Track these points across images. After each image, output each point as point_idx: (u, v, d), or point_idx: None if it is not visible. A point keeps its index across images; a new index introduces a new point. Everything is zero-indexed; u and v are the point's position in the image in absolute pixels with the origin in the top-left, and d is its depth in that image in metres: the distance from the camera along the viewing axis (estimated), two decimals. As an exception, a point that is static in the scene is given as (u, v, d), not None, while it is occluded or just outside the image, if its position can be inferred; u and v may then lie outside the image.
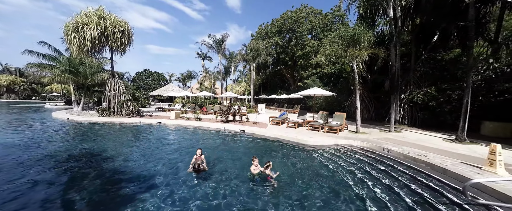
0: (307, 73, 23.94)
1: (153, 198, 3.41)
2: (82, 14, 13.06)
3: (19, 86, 48.52)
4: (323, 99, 18.94)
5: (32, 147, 6.60)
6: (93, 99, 23.32)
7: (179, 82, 51.56)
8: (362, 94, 12.23)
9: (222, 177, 4.29)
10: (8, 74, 49.54)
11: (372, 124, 11.60)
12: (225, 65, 29.99)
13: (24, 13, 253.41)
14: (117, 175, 4.48)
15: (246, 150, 6.65)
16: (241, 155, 5.98)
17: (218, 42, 25.05)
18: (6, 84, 46.49)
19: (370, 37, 9.12)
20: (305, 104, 23.29)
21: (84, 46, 12.76)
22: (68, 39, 12.80)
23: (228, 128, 10.33)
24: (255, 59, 22.60)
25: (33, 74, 43.11)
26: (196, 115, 13.17)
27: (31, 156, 5.60)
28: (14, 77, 47.86)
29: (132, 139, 8.37)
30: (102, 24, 13.10)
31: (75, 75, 18.02)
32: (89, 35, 12.59)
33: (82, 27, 12.66)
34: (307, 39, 24.76)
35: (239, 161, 5.40)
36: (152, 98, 39.55)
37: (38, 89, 50.09)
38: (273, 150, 6.53)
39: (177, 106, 21.40)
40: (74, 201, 3.35)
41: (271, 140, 8.06)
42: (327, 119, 10.18)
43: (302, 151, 6.49)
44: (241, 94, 36.16)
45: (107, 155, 5.87)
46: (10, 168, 4.72)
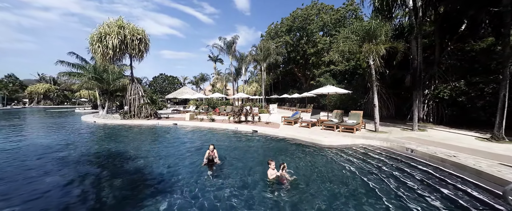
0: (319, 71, 23.30)
1: (172, 192, 3.57)
2: (104, 24, 14.13)
3: (54, 93, 53.89)
4: (337, 98, 18.29)
5: (66, 147, 7.28)
6: (115, 103, 25.06)
7: (193, 85, 53.36)
8: (380, 91, 11.58)
9: (237, 178, 4.34)
10: (44, 82, 55.28)
11: (392, 122, 10.92)
12: (236, 66, 30.37)
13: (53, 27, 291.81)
14: (138, 173, 4.75)
15: (259, 150, 6.66)
16: (254, 155, 6.00)
17: (229, 44, 25.46)
18: (43, 91, 51.93)
19: (388, 30, 8.60)
20: (318, 103, 22.67)
21: (107, 55, 13.79)
22: (93, 48, 13.93)
23: (240, 128, 10.43)
24: (266, 59, 22.57)
25: (64, 82, 47.65)
26: (210, 116, 13.51)
27: (66, 155, 6.18)
28: (49, 85, 53.28)
29: (151, 140, 8.82)
30: (122, 33, 14.04)
31: (100, 81, 19.55)
32: (111, 44, 13.56)
33: (105, 36, 13.69)
34: (319, 36, 24.12)
35: (253, 161, 5.42)
36: (168, 101, 41.44)
37: (69, 95, 55.19)
38: (287, 150, 6.45)
39: (191, 108, 22.14)
40: (101, 196, 3.62)
41: (284, 140, 7.97)
42: (342, 118, 9.80)
43: (316, 151, 6.32)
44: (253, 94, 36.33)
45: (129, 155, 6.26)
46: (52, 165, 5.24)
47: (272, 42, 25.95)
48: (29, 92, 51.51)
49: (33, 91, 51.22)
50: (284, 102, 31.81)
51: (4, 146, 7.61)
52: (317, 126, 10.15)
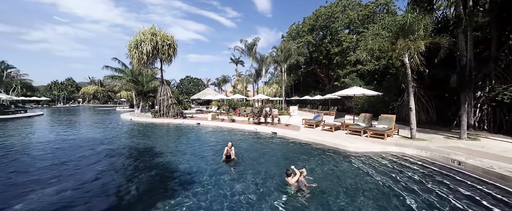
0: (344, 72, 21.88)
1: (194, 185, 3.74)
2: (140, 33, 15.81)
3: (100, 93, 62.58)
4: (365, 100, 16.88)
5: (109, 141, 8.33)
6: (148, 103, 27.76)
7: (215, 86, 55.74)
8: (417, 93, 10.27)
9: (252, 180, 4.31)
10: (93, 84, 64.59)
11: (433, 128, 9.56)
12: (256, 68, 30.63)
13: (101, 37, 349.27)
14: (165, 166, 5.12)
15: (278, 152, 6.53)
16: (273, 158, 5.90)
17: (250, 46, 25.85)
18: (92, 92, 60.76)
19: (427, 24, 7.58)
20: (343, 105, 21.25)
21: (142, 59, 15.38)
22: (131, 54, 15.69)
23: (260, 130, 10.43)
24: (286, 60, 22.19)
25: (108, 84, 54.83)
26: (230, 117, 13.87)
27: (109, 148, 7.06)
28: (97, 87, 62.06)
29: (177, 137, 9.47)
30: (154, 39, 15.50)
31: (136, 83, 21.93)
32: (145, 50, 15.09)
33: (140, 43, 15.30)
34: (344, 35, 22.70)
35: (271, 162, 5.34)
36: (193, 101, 44.10)
37: (112, 95, 63.28)
38: (307, 154, 6.17)
39: (214, 109, 23.10)
40: (134, 185, 4.00)
41: (304, 143, 7.66)
42: (370, 122, 8.98)
43: (340, 157, 5.89)
44: (273, 96, 36.11)
45: (158, 150, 6.82)
46: (98, 156, 6.06)
47: (293, 43, 25.41)
48: (82, 93, 60.86)
49: (85, 92, 60.29)
50: (305, 104, 30.78)
51: (66, 137, 9.13)
52: (342, 130, 9.51)
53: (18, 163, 5.54)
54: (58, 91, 57.76)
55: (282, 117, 14.14)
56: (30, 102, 41.94)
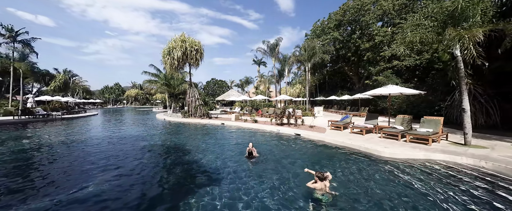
0: (377, 69, 19.84)
1: (219, 181, 3.89)
2: (172, 40, 17.37)
3: (140, 96, 71.10)
4: (403, 100, 15.00)
5: (146, 138, 9.39)
6: (178, 104, 30.29)
7: (238, 88, 57.32)
8: (473, 91, 8.60)
9: (273, 182, 4.25)
10: (135, 88, 73.80)
11: (496, 134, 7.87)
12: (278, 68, 30.34)
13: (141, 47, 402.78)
14: (193, 163, 5.48)
15: (301, 154, 6.30)
16: (299, 161, 5.72)
17: (272, 47, 25.77)
18: (134, 95, 69.51)
19: (487, 8, 6.28)
20: (376, 106, 19.27)
21: (173, 65, 16.88)
22: (164, 60, 17.37)
23: (282, 131, 10.27)
24: (310, 59, 21.33)
25: (146, 87, 61.89)
26: (253, 117, 14.04)
27: (146, 144, 7.95)
28: (137, 90, 70.72)
29: (203, 136, 10.04)
30: (184, 46, 16.83)
31: (168, 86, 24.18)
32: (176, 56, 16.51)
33: (172, 50, 16.81)
34: (376, 28, 20.61)
35: (293, 165, 5.18)
36: (218, 102, 46.24)
37: (149, 98, 71.28)
38: (333, 158, 5.78)
39: (237, 109, 23.76)
40: (166, 179, 4.39)
41: (330, 146, 7.22)
42: (410, 125, 7.91)
43: (373, 163, 5.34)
44: (296, 96, 35.14)
45: (187, 148, 7.35)
46: (137, 151, 6.89)
47: (317, 41, 24.30)
48: (126, 95, 70.16)
49: (128, 95, 69.32)
50: (331, 104, 29.03)
51: (114, 133, 10.67)
52: (374, 133, 8.63)
53: (83, 153, 6.69)
54: (108, 95, 68.03)
55: (306, 118, 13.63)
56: (88, 104, 50.35)
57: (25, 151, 7.02)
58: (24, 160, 6.04)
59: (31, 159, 6.19)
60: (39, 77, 30.96)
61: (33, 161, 6.02)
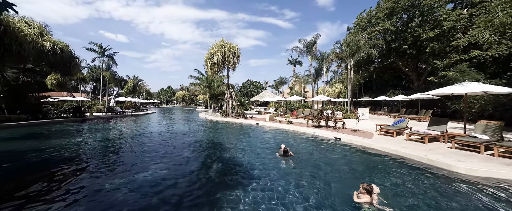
0: (446, 62, 15.93)
1: (254, 179, 3.97)
2: (212, 46, 19.01)
3: (187, 97, 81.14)
4: (488, 100, 11.54)
5: (190, 134, 10.61)
6: (217, 104, 32.87)
7: (272, 88, 57.35)
8: None
9: (311, 192, 3.98)
10: (182, 90, 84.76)
11: None
12: (316, 67, 28.60)
13: (187, 54, 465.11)
14: (230, 160, 5.79)
15: (343, 161, 5.70)
16: (341, 168, 5.22)
17: (309, 45, 24.54)
18: (181, 96, 79.92)
19: None
20: (444, 108, 15.47)
21: (214, 68, 18.44)
22: (206, 64, 19.18)
23: (320, 133, 9.59)
24: (353, 55, 19.12)
25: (191, 89, 70.08)
26: (287, 118, 13.73)
27: (190, 140, 8.97)
28: (184, 92, 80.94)
29: (239, 135, 10.52)
30: (223, 50, 18.14)
31: (209, 88, 26.59)
32: (216, 60, 17.96)
33: (213, 55, 18.38)
34: (445, 11, 16.59)
35: (333, 172, 4.73)
36: (252, 103, 47.63)
37: (193, 98, 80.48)
38: (384, 170, 4.95)
39: (271, 110, 23.80)
40: (205, 172, 4.81)
41: (378, 154, 6.24)
42: (500, 134, 5.96)
43: (441, 181, 4.27)
44: (335, 97, 32.24)
45: (225, 145, 7.86)
46: (184, 145, 7.87)
47: (362, 34, 21.60)
48: (176, 97, 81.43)
49: (177, 96, 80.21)
50: (380, 106, 25.21)
51: (167, 128, 12.56)
52: (441, 142, 6.95)
53: (145, 144, 8.17)
54: (163, 96, 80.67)
55: (347, 121, 12.32)
56: (149, 103, 61.05)
57: (108, 139, 9.13)
58: (107, 146, 7.85)
59: (111, 146, 7.98)
60: (118, 83, 39.67)
61: (112, 147, 7.74)
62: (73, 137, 9.77)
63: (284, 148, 6.05)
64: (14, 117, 13.64)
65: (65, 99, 25.84)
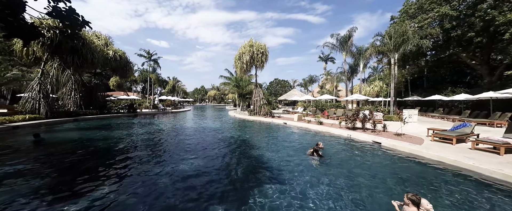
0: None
1: (280, 178, 3.93)
2: (241, 47, 19.59)
3: (217, 96, 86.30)
4: None
5: (221, 130, 11.25)
6: (245, 103, 33.78)
7: (301, 87, 55.35)
8: None
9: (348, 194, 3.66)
10: (213, 89, 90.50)
11: None
12: (350, 63, 26.18)
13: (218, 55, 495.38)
14: (257, 158, 5.88)
15: (381, 168, 5.06)
16: (378, 174, 4.67)
17: (343, 40, 22.60)
18: (213, 95, 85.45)
19: None
20: (530, 111, 11.94)
21: (243, 68, 19.02)
22: (235, 65, 19.93)
23: (355, 136, 8.77)
24: (398, 48, 16.63)
25: (222, 89, 74.14)
26: (317, 118, 13.03)
27: (221, 136, 9.52)
28: (215, 91, 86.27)
29: (267, 133, 10.56)
30: (251, 50, 18.50)
31: (238, 87, 27.54)
32: (245, 60, 18.46)
33: (242, 55, 18.95)
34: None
35: (369, 179, 4.24)
36: (280, 102, 47.09)
37: (223, 97, 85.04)
38: (436, 184, 4.17)
39: (299, 109, 23.02)
40: (235, 168, 5.01)
41: (430, 164, 5.29)
42: None
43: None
44: (374, 96, 28.81)
45: (252, 143, 8.03)
46: (215, 140, 8.42)
47: (410, 23, 18.56)
48: (208, 95, 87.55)
49: (209, 95, 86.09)
50: (433, 106, 21.30)
51: (199, 125, 13.67)
52: (527, 154, 5.40)
53: (182, 138, 9.11)
54: (197, 95, 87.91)
55: (389, 124, 10.87)
56: (185, 102, 67.50)
57: (153, 132, 10.54)
58: (153, 138, 9.05)
59: (156, 137, 9.17)
60: (161, 83, 45.18)
61: (156, 139, 8.88)
62: (128, 129, 11.66)
63: (321, 145, 5.96)
64: (88, 112, 17.16)
65: (122, 97, 31.01)
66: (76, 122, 14.08)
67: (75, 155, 6.20)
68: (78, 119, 15.23)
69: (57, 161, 5.53)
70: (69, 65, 16.28)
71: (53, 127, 11.86)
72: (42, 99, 13.96)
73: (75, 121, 14.68)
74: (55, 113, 14.40)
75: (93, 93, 20.08)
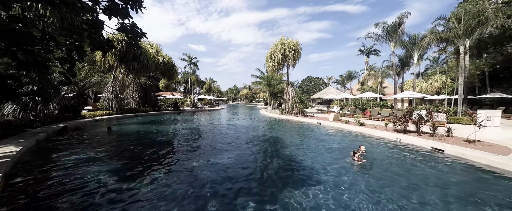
0: None
1: (312, 180, 3.74)
2: (273, 45, 19.47)
3: (249, 94, 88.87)
4: None
5: (253, 128, 11.54)
6: (276, 102, 33.54)
7: (337, 84, 50.99)
8: None
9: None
10: (245, 89, 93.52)
11: None
12: (401, 55, 22.44)
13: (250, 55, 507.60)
14: (290, 157, 5.75)
15: (447, 182, 4.14)
16: (434, 186, 3.88)
17: (391, 28, 19.49)
18: (245, 94, 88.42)
19: None
20: None
21: (274, 67, 18.92)
22: (267, 63, 19.98)
23: (407, 140, 7.50)
24: (471, 33, 13.17)
25: (253, 88, 75.88)
26: (357, 119, 11.74)
27: (253, 134, 9.77)
28: (247, 90, 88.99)
29: (300, 133, 10.22)
30: (283, 48, 18.18)
31: (269, 86, 27.57)
32: (277, 58, 18.29)
33: (273, 54, 18.85)
34: None
35: (433, 195, 3.53)
36: (313, 101, 44.71)
37: (255, 96, 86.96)
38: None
39: (335, 109, 21.28)
40: (267, 166, 5.05)
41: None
42: None
43: None
44: (434, 93, 23.80)
45: (284, 142, 7.92)
46: (247, 139, 8.72)
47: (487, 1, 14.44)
48: (240, 95, 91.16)
49: (241, 94, 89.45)
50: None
51: (233, 123, 14.41)
52: None
53: (218, 134, 9.82)
54: (230, 94, 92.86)
55: (455, 127, 8.83)
56: (219, 101, 72.34)
57: (194, 127, 11.73)
58: (194, 133, 10.07)
59: (196, 133, 10.17)
60: (199, 84, 49.80)
61: (197, 134, 9.83)
62: (174, 124, 13.37)
63: (362, 149, 5.41)
64: (144, 109, 20.50)
65: (169, 97, 35.71)
66: (136, 117, 17.06)
67: (136, 143, 7.53)
68: (138, 115, 18.41)
69: (123, 148, 6.84)
70: (131, 71, 19.85)
71: (120, 120, 14.73)
72: (114, 99, 17.51)
73: (136, 116, 17.81)
74: (122, 110, 17.86)
75: (147, 93, 23.86)
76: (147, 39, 5.72)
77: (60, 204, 3.22)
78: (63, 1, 2.59)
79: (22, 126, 8.85)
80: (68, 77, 5.03)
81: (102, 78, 18.53)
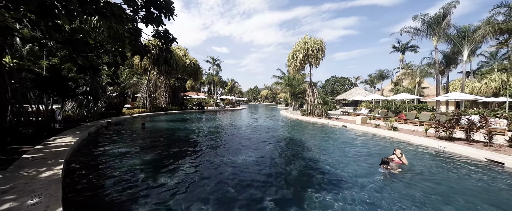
0: None
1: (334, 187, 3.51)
2: (295, 45, 19.04)
3: (269, 95, 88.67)
4: None
5: (273, 129, 11.46)
6: (297, 103, 32.67)
7: (366, 85, 47.09)
8: None
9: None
10: (266, 89, 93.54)
11: None
12: (446, 51, 19.56)
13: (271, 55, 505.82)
14: (311, 161, 5.52)
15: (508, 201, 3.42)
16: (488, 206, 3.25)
17: (433, 21, 17.12)
18: (265, 94, 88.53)
19: None
20: None
21: (296, 67, 18.48)
22: (288, 63, 19.63)
23: (452, 149, 6.48)
24: (547, 21, 10.65)
25: (274, 88, 75.42)
26: (390, 123, 10.62)
27: (273, 135, 9.71)
28: (268, 91, 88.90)
29: (322, 136, 9.74)
30: (305, 47, 17.62)
31: (290, 87, 27.03)
32: (299, 58, 17.82)
33: (295, 53, 18.43)
34: None
35: None
36: (338, 102, 42.16)
37: (275, 97, 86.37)
38: None
39: (363, 111, 19.66)
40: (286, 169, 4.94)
41: None
42: None
43: None
44: (490, 94, 20.04)
45: (306, 144, 7.64)
46: (267, 139, 8.71)
47: None
48: (260, 95, 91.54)
49: (262, 95, 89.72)
50: None
51: (253, 123, 14.56)
52: None
53: (238, 133, 10.05)
54: (250, 94, 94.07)
55: (522, 137, 7.24)
56: (240, 101, 73.88)
57: (217, 126, 12.24)
58: (217, 131, 10.51)
59: (219, 131, 10.58)
60: (222, 84, 51.81)
61: (219, 132, 10.22)
62: (199, 122, 14.19)
63: (398, 152, 5.04)
64: (173, 108, 22.27)
65: (194, 97, 38.08)
66: (166, 115, 18.65)
67: (167, 139, 8.23)
68: (167, 113, 20.14)
69: (156, 143, 7.55)
70: (163, 73, 21.86)
71: (153, 118, 16.32)
72: (148, 98, 19.51)
73: (166, 114, 19.50)
74: (154, 108, 19.78)
75: (176, 93, 25.90)
76: (177, 43, 6.17)
77: (107, 186, 3.73)
78: (113, 13, 3.01)
79: (78, 121, 10.55)
80: (113, 79, 5.74)
81: (138, 80, 20.82)
